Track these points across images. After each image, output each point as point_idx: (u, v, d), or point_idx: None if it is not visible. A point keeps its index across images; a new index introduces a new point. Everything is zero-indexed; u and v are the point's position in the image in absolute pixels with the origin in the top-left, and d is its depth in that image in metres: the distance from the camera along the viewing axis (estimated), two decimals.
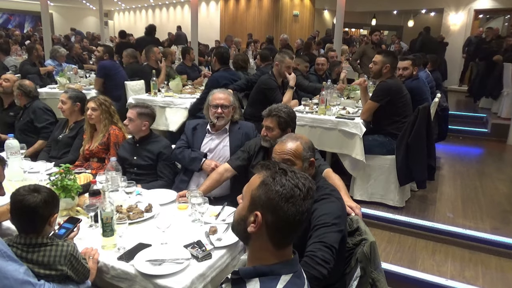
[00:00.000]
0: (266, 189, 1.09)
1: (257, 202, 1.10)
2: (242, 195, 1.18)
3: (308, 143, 1.87)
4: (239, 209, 1.17)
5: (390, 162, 3.62)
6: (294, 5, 14.03)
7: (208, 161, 2.71)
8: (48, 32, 7.63)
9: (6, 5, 19.41)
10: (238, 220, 1.15)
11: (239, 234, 1.17)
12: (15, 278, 1.32)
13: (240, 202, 1.21)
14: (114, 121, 3.01)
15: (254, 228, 1.09)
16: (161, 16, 19.54)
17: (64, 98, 3.22)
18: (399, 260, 2.93)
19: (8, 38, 10.71)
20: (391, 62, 3.74)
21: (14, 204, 1.52)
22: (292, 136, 1.90)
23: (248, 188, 1.14)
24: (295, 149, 1.81)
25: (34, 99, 3.72)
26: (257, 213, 1.08)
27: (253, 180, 1.15)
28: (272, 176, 1.11)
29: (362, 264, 1.68)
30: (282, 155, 1.81)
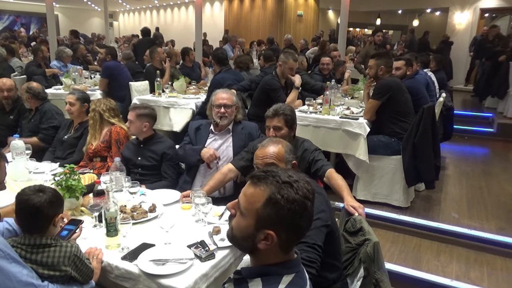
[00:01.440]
0: (276, 208, 1.02)
1: (267, 221, 1.03)
2: (238, 207, 1.10)
3: (289, 146, 1.88)
4: (243, 227, 1.08)
5: (395, 163, 3.61)
6: (298, 5, 14.01)
7: (206, 149, 2.71)
8: (54, 33, 7.68)
9: (12, 7, 19.57)
10: (243, 237, 1.08)
11: (244, 248, 1.12)
12: (18, 280, 1.32)
13: (232, 212, 1.13)
14: (111, 121, 3.03)
15: (267, 245, 1.04)
16: (166, 16, 19.60)
17: (72, 100, 3.23)
18: (403, 260, 2.92)
19: (14, 40, 10.80)
20: (384, 63, 3.77)
21: (19, 204, 1.53)
22: (273, 140, 1.92)
23: (250, 205, 1.06)
24: (277, 152, 1.82)
25: (44, 100, 3.74)
26: (270, 233, 1.03)
27: (255, 196, 1.06)
28: (278, 192, 1.03)
29: (365, 264, 1.68)
30: (265, 159, 1.82)
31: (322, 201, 1.75)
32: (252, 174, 1.11)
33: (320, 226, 1.64)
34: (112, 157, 2.84)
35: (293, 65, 4.05)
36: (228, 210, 1.15)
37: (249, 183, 1.10)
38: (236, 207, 1.12)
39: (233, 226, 1.12)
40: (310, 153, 2.35)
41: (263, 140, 2.46)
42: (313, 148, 2.40)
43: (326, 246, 1.65)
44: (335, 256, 1.77)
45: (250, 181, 1.09)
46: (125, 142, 2.93)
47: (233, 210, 1.13)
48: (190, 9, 17.37)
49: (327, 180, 2.23)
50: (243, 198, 1.09)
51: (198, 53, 7.87)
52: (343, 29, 6.94)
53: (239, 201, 1.11)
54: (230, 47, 9.95)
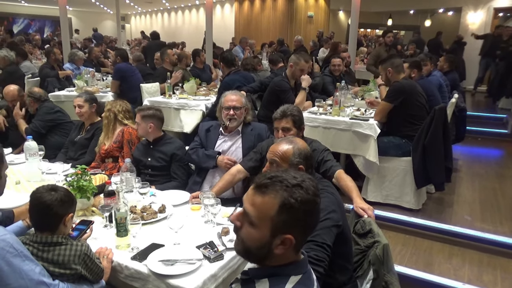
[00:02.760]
0: (292, 213, 1.02)
1: (284, 226, 1.02)
2: (246, 218, 1.07)
3: (301, 149, 1.80)
4: (256, 237, 1.05)
5: (405, 164, 3.57)
6: (309, 6, 13.99)
7: (221, 156, 2.74)
8: (67, 36, 7.79)
9: (27, 10, 19.96)
10: (258, 247, 1.05)
11: (257, 258, 1.08)
12: (30, 278, 1.35)
13: (238, 224, 1.08)
14: (124, 122, 3.06)
15: (284, 249, 1.04)
16: (177, 19, 19.76)
17: (80, 102, 3.28)
18: (414, 263, 2.88)
19: (27, 43, 11.00)
20: (390, 64, 3.74)
21: (32, 201, 1.58)
22: (289, 139, 1.87)
23: (264, 215, 1.03)
24: (283, 152, 1.79)
25: (44, 102, 3.82)
26: (288, 237, 1.02)
27: (266, 204, 1.03)
28: (291, 196, 1.02)
29: (375, 266, 1.66)
30: (270, 154, 1.82)
31: (334, 201, 1.74)
32: (257, 183, 1.07)
33: (330, 226, 1.63)
34: (123, 158, 2.87)
35: (305, 66, 4.04)
36: (233, 222, 1.11)
37: (254, 192, 1.06)
38: (241, 218, 1.09)
39: (243, 239, 1.08)
40: (319, 153, 2.34)
41: (272, 141, 2.48)
42: (322, 148, 2.39)
43: (337, 247, 1.64)
44: (346, 258, 1.76)
45: (257, 190, 1.06)
46: (136, 143, 2.96)
47: (238, 223, 1.09)
48: (201, 11, 17.48)
49: (336, 181, 2.22)
50: (252, 209, 1.05)
51: (209, 55, 7.90)
52: (353, 30, 6.90)
53: (246, 212, 1.07)
54: (240, 48, 9.98)
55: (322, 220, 1.60)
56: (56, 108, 3.85)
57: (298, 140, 1.88)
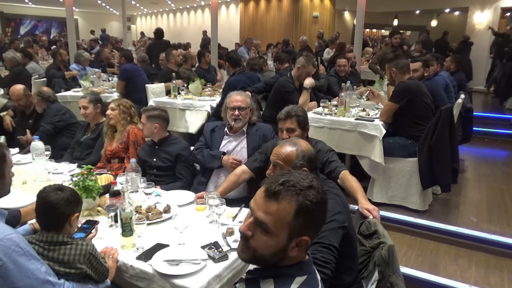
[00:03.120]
0: (309, 215, 1.03)
1: (300, 229, 1.03)
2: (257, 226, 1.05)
3: (304, 151, 1.78)
4: (272, 245, 1.03)
5: (411, 165, 3.55)
6: (314, 7, 13.97)
7: (226, 156, 2.74)
8: (73, 37, 7.85)
9: (34, 12, 20.14)
10: (273, 254, 1.05)
11: (271, 263, 1.07)
12: (36, 277, 1.36)
13: (249, 233, 1.05)
14: (134, 121, 3.08)
15: (299, 251, 1.05)
16: (182, 20, 19.82)
17: (85, 103, 3.28)
18: (420, 264, 2.87)
19: (35, 43, 11.10)
20: (395, 65, 3.72)
21: (38, 201, 1.59)
22: (292, 141, 1.85)
23: (281, 221, 1.02)
24: (286, 155, 1.78)
25: (53, 102, 3.84)
26: (304, 239, 1.04)
27: (282, 211, 1.02)
28: (306, 199, 1.03)
29: (380, 267, 1.65)
30: (273, 157, 1.81)
31: (339, 202, 1.74)
32: (270, 191, 1.05)
33: (336, 227, 1.63)
34: (129, 158, 2.88)
35: (312, 70, 4.04)
36: (243, 233, 1.07)
37: (267, 200, 1.04)
38: (252, 227, 1.06)
39: (255, 247, 1.06)
40: (324, 154, 2.34)
41: (276, 142, 2.48)
42: (326, 149, 2.38)
43: (343, 248, 1.64)
44: (351, 259, 1.75)
45: (270, 198, 1.04)
46: (142, 144, 2.97)
47: (249, 232, 1.06)
48: (206, 12, 17.52)
49: (341, 182, 2.21)
50: (267, 217, 1.03)
51: (214, 56, 7.91)
52: (359, 30, 6.87)
53: (260, 221, 1.04)
54: (245, 49, 9.98)
55: (328, 222, 1.59)
56: (64, 109, 3.87)
57: (301, 141, 1.86)
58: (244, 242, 1.08)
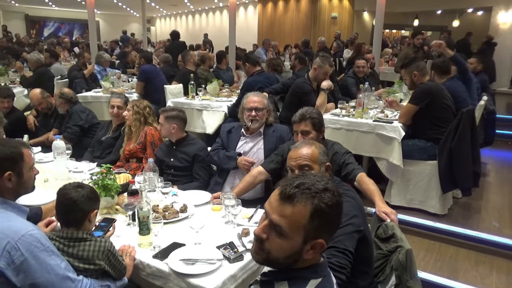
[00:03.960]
0: (324, 218, 1.03)
1: (315, 232, 1.02)
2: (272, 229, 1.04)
3: (322, 147, 1.85)
4: (287, 247, 1.03)
5: (431, 168, 3.48)
6: (333, 7, 13.86)
7: (242, 157, 2.75)
8: (94, 38, 8.03)
9: (57, 14, 20.68)
10: (288, 257, 1.04)
11: (285, 265, 1.07)
12: (56, 273, 1.39)
13: (264, 236, 1.05)
14: (149, 121, 3.11)
15: (314, 254, 1.05)
16: (201, 21, 19.98)
17: (120, 103, 3.32)
18: (439, 269, 2.81)
19: (57, 45, 11.39)
20: (415, 68, 3.64)
21: (59, 197, 1.64)
22: (306, 142, 1.89)
23: (296, 224, 1.02)
24: (311, 154, 1.79)
25: (75, 104, 3.92)
26: (319, 241, 1.03)
27: (297, 214, 1.02)
28: (321, 201, 1.02)
29: (397, 272, 1.63)
30: (298, 161, 1.79)
31: (355, 205, 1.72)
32: (285, 194, 1.04)
33: (352, 231, 1.61)
34: (147, 159, 2.92)
35: (329, 70, 4.01)
36: (258, 235, 1.07)
37: (282, 203, 1.04)
38: (267, 230, 1.05)
39: (270, 250, 1.05)
40: (340, 156, 2.32)
41: (293, 143, 2.47)
42: (343, 151, 2.36)
43: (358, 252, 1.62)
44: (367, 263, 1.73)
45: (285, 201, 1.03)
46: (159, 145, 3.01)
47: (264, 235, 1.05)
48: (225, 13, 17.61)
49: (357, 185, 2.19)
50: (282, 220, 1.02)
51: (232, 57, 7.95)
52: (378, 31, 6.79)
53: (275, 224, 1.03)
54: (263, 50, 9.99)
55: (343, 226, 1.58)
56: (87, 110, 3.96)
57: (312, 141, 1.94)
58: (258, 244, 1.08)
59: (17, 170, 1.52)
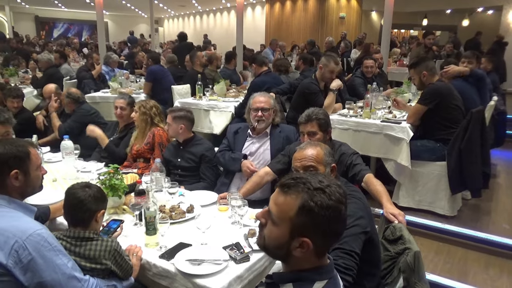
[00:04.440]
0: (311, 216, 1.01)
1: (302, 229, 1.02)
2: (269, 216, 1.08)
3: (327, 148, 1.84)
4: (275, 236, 1.06)
5: (440, 169, 3.44)
6: (341, 7, 13.81)
7: (244, 161, 2.74)
8: (103, 39, 8.08)
9: (66, 15, 20.90)
10: (277, 247, 1.07)
11: (277, 256, 1.10)
12: (63, 272, 1.40)
13: (263, 221, 1.09)
14: (155, 122, 3.12)
15: (302, 253, 1.03)
16: (208, 22, 20.03)
17: (123, 104, 3.34)
18: (448, 272, 2.77)
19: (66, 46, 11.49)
20: (425, 67, 3.59)
21: (66, 197, 1.66)
22: (311, 143, 1.89)
23: (283, 214, 1.04)
24: (316, 155, 1.78)
25: (82, 103, 3.95)
26: (305, 240, 1.02)
27: (286, 205, 1.04)
28: (311, 199, 1.01)
29: (405, 274, 1.61)
30: (303, 161, 1.78)
31: (362, 207, 1.71)
32: (282, 183, 1.08)
33: (358, 232, 1.60)
34: (154, 159, 2.93)
35: (334, 68, 3.97)
36: (258, 219, 1.12)
37: (278, 191, 1.07)
38: (266, 216, 1.10)
39: (265, 236, 1.10)
40: (347, 157, 2.30)
41: (300, 144, 2.46)
42: (350, 152, 2.34)
43: (364, 253, 1.61)
44: (374, 264, 1.72)
45: (280, 190, 1.07)
46: (166, 145, 3.01)
47: (263, 219, 1.10)
48: (232, 14, 17.63)
49: (365, 185, 2.18)
50: (274, 207, 1.07)
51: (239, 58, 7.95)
52: (386, 31, 6.74)
53: (269, 210, 1.08)
54: (270, 50, 9.98)
55: (350, 227, 1.57)
56: (92, 110, 3.97)
57: (317, 142, 1.94)
58: (260, 229, 1.14)
59: (24, 168, 1.53)
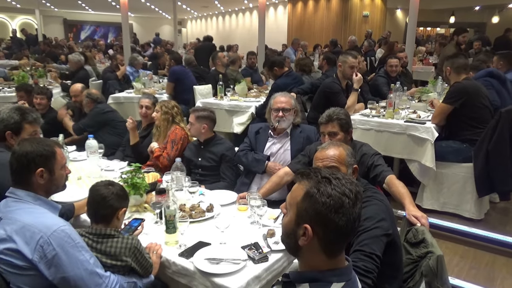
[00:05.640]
0: (312, 202, 1.04)
1: (304, 215, 1.05)
2: (286, 204, 1.14)
3: (349, 149, 1.82)
4: (286, 223, 1.12)
5: (466, 170, 3.34)
6: (364, 6, 13.60)
7: (272, 163, 2.74)
8: (128, 41, 8.25)
9: (93, 18, 21.50)
10: (287, 234, 1.11)
11: (290, 247, 1.12)
12: (85, 268, 1.44)
13: (284, 212, 1.15)
14: (176, 121, 3.15)
15: (305, 241, 1.05)
16: (231, 22, 20.14)
17: (149, 104, 3.40)
18: (474, 277, 2.69)
19: (93, 47, 11.80)
20: (450, 64, 3.50)
21: (90, 194, 1.71)
22: (333, 143, 1.86)
23: (293, 200, 1.09)
24: (338, 155, 1.76)
25: (100, 103, 4.04)
26: (307, 227, 1.04)
27: (296, 192, 1.09)
28: (316, 186, 1.05)
29: (427, 278, 1.57)
30: (325, 161, 1.76)
31: (383, 209, 1.68)
32: (297, 172, 1.15)
33: (379, 235, 1.57)
34: (168, 154, 2.96)
35: (354, 62, 3.89)
36: (281, 210, 1.18)
37: (295, 181, 1.13)
38: (285, 206, 1.15)
39: (282, 225, 1.15)
40: (369, 158, 2.26)
41: (320, 144, 2.43)
42: (372, 153, 2.30)
43: (386, 256, 1.58)
44: (396, 268, 1.68)
45: (296, 178, 1.13)
46: (180, 144, 3.03)
47: (284, 210, 1.16)
48: (254, 14, 17.65)
49: (386, 187, 2.13)
50: (288, 195, 1.13)
51: (261, 58, 7.95)
52: (411, 29, 6.59)
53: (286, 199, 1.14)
54: (292, 50, 9.94)
55: (371, 229, 1.55)
56: (107, 109, 4.06)
57: (339, 142, 1.92)
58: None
59: (49, 167, 1.58)
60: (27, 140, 1.65)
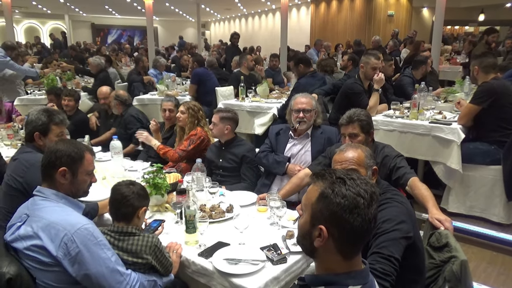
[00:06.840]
0: (326, 203, 1.04)
1: (319, 216, 1.05)
2: (301, 206, 1.14)
3: (368, 150, 1.79)
4: (302, 224, 1.11)
5: (494, 173, 3.23)
6: (389, 5, 13.37)
7: (292, 165, 2.73)
8: (152, 44, 8.44)
9: (120, 22, 22.06)
10: (302, 235, 1.11)
11: (305, 248, 1.12)
12: (106, 265, 1.48)
13: (300, 213, 1.15)
14: (201, 125, 3.19)
15: (320, 242, 1.05)
16: (253, 24, 20.20)
17: (171, 107, 3.46)
18: (502, 283, 2.59)
19: (119, 51, 12.09)
20: (479, 63, 3.38)
21: (112, 193, 1.75)
22: (352, 145, 1.84)
23: (308, 201, 1.09)
24: (357, 158, 1.73)
25: (129, 106, 4.14)
26: (322, 227, 1.03)
27: (311, 192, 1.09)
28: (330, 187, 1.05)
29: (450, 283, 1.53)
30: (344, 164, 1.73)
31: (404, 211, 1.64)
32: (313, 173, 1.15)
33: (398, 237, 1.54)
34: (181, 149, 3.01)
35: (376, 63, 3.82)
36: (297, 211, 1.16)
37: (311, 182, 1.13)
38: (301, 207, 1.15)
39: (298, 226, 1.15)
40: (391, 160, 2.22)
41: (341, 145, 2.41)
42: (394, 154, 2.25)
43: (407, 259, 1.54)
44: (418, 272, 1.64)
45: (311, 179, 1.13)
46: (197, 143, 3.07)
47: (300, 211, 1.19)
48: (277, 15, 17.64)
49: (409, 189, 2.09)
50: (304, 196, 1.13)
51: (283, 59, 7.94)
52: (438, 27, 6.42)
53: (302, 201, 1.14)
54: (315, 51, 9.88)
55: (389, 231, 1.52)
56: (138, 115, 4.14)
57: (358, 144, 1.89)
58: None
59: (73, 169, 1.63)
60: (63, 140, 1.73)
